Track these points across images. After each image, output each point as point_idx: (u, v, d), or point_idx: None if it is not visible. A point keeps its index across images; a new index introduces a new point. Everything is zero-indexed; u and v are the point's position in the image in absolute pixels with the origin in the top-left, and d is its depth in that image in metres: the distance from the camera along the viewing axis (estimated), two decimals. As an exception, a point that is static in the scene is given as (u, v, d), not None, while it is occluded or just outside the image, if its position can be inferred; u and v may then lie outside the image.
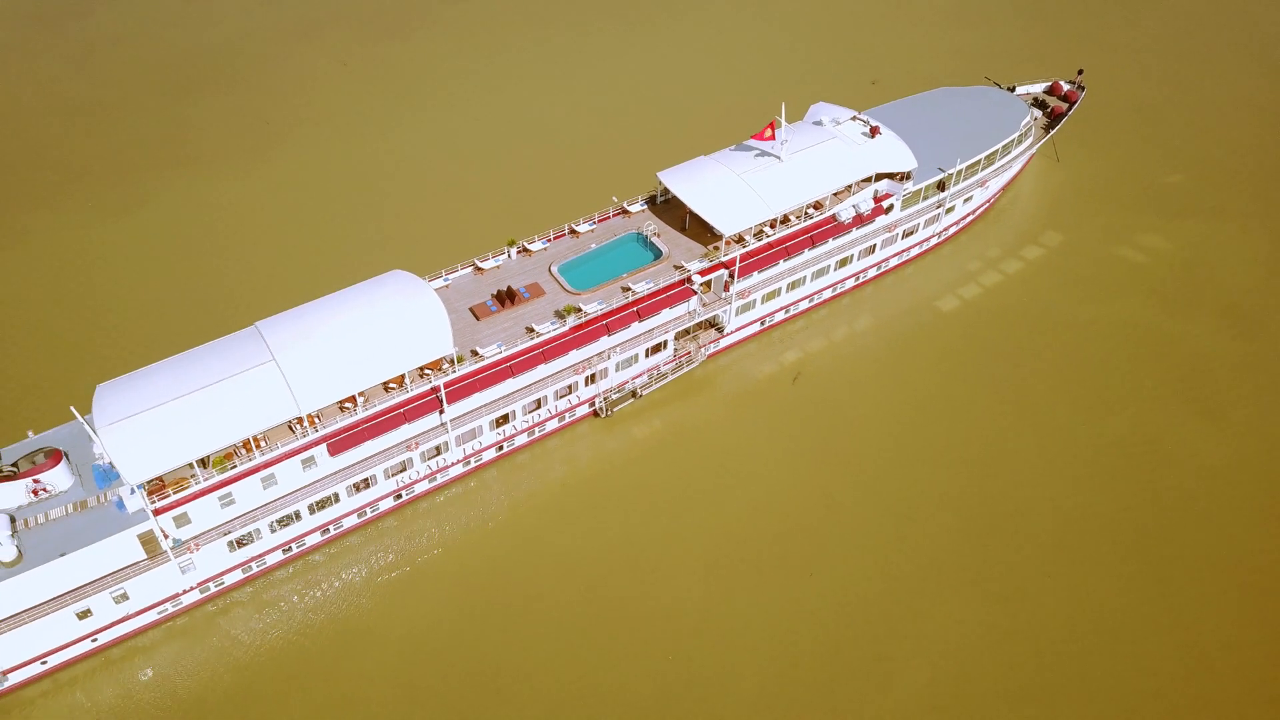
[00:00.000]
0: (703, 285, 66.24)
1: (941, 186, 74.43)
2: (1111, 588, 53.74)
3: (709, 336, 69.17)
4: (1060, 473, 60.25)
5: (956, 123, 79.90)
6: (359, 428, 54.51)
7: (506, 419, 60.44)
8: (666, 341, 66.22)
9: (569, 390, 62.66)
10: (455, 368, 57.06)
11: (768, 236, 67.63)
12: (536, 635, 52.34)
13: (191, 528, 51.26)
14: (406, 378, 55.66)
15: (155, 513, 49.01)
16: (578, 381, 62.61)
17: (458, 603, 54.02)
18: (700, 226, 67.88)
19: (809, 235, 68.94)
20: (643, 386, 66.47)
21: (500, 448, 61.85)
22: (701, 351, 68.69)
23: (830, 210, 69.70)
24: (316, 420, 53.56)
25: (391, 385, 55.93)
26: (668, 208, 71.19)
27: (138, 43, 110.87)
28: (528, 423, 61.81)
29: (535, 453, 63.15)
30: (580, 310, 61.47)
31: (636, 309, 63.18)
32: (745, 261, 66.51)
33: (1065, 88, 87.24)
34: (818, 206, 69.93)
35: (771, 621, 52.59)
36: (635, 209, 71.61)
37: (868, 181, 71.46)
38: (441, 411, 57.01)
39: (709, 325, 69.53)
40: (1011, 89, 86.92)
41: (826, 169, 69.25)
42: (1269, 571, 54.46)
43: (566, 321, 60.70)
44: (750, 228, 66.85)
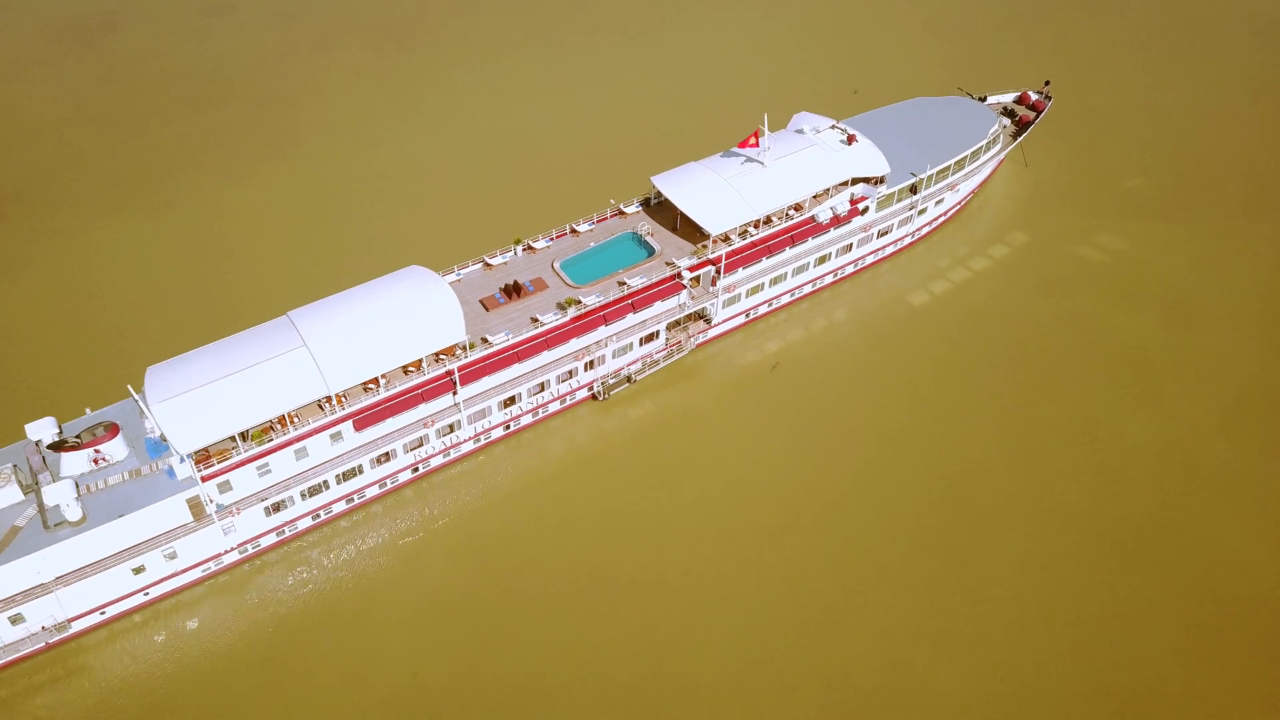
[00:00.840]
0: (692, 280, 70.75)
1: (914, 190, 79.15)
2: (1045, 547, 59.19)
3: (698, 327, 73.61)
4: (1009, 449, 65.26)
5: (929, 131, 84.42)
6: (381, 406, 59.67)
7: (513, 400, 65.53)
8: (659, 332, 70.86)
9: (570, 375, 67.63)
10: (467, 353, 62.09)
11: (752, 236, 72.31)
12: (536, 592, 57.46)
13: (233, 494, 56.73)
14: (424, 362, 60.93)
15: (203, 479, 54.75)
16: (578, 367, 67.47)
17: (467, 563, 59.33)
18: (690, 226, 72.50)
19: (790, 235, 73.67)
20: (637, 372, 71.14)
21: (507, 426, 67.03)
22: (691, 341, 73.33)
23: (810, 212, 74.62)
24: (343, 399, 58.88)
25: (410, 368, 61.21)
26: (660, 209, 75.68)
27: (164, 57, 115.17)
28: (532, 404, 66.83)
29: (539, 431, 68.31)
30: (580, 302, 66.33)
31: (631, 302, 67.86)
32: (731, 259, 71.07)
33: (1033, 97, 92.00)
34: (798, 208, 74.64)
35: (744, 581, 57.78)
36: (631, 210, 76.17)
37: (844, 185, 76.26)
38: (455, 393, 62.21)
39: (698, 317, 73.84)
40: (983, 99, 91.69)
41: (806, 174, 73.82)
42: (1187, 533, 59.60)
43: (567, 313, 65.55)
44: (735, 228, 71.57)
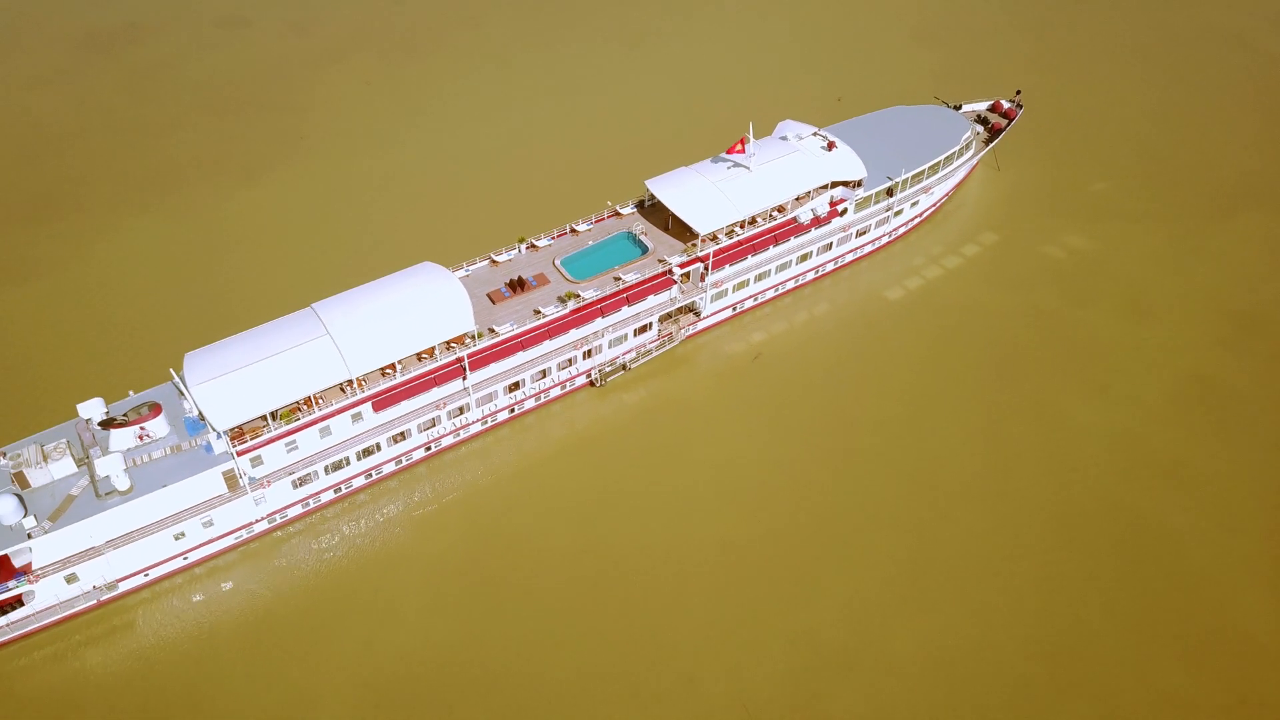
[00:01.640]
0: (682, 276, 75.73)
1: (890, 193, 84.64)
2: (999, 523, 64.40)
3: (688, 319, 78.69)
4: (967, 430, 70.71)
5: (906, 137, 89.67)
6: (398, 389, 64.94)
7: (517, 386, 70.84)
8: (652, 323, 75.93)
9: (569, 363, 72.80)
10: (475, 342, 67.29)
11: (738, 235, 77.29)
12: (536, 561, 62.68)
13: (264, 468, 62.15)
14: (436, 349, 66.24)
15: (237, 454, 60.35)
16: (576, 356, 72.64)
17: (475, 534, 64.61)
18: (681, 226, 77.08)
19: (773, 235, 78.82)
20: (631, 361, 76.12)
21: (512, 410, 72.26)
22: (681, 332, 78.43)
23: (792, 213, 79.85)
24: (363, 383, 64.26)
25: (424, 355, 66.39)
26: (654, 210, 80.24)
27: (184, 67, 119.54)
28: (535, 390, 72.11)
29: (541, 415, 73.52)
30: (579, 296, 71.14)
31: (626, 296, 72.62)
32: (718, 256, 76.14)
33: (1005, 105, 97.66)
34: (781, 210, 79.74)
35: (724, 552, 63.03)
36: (626, 211, 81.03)
37: (824, 188, 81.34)
38: (464, 378, 67.52)
39: (688, 310, 78.94)
40: (958, 107, 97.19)
41: (789, 177, 78.96)
42: (1129, 511, 64.91)
43: (567, 305, 70.41)
44: (723, 228, 76.70)
